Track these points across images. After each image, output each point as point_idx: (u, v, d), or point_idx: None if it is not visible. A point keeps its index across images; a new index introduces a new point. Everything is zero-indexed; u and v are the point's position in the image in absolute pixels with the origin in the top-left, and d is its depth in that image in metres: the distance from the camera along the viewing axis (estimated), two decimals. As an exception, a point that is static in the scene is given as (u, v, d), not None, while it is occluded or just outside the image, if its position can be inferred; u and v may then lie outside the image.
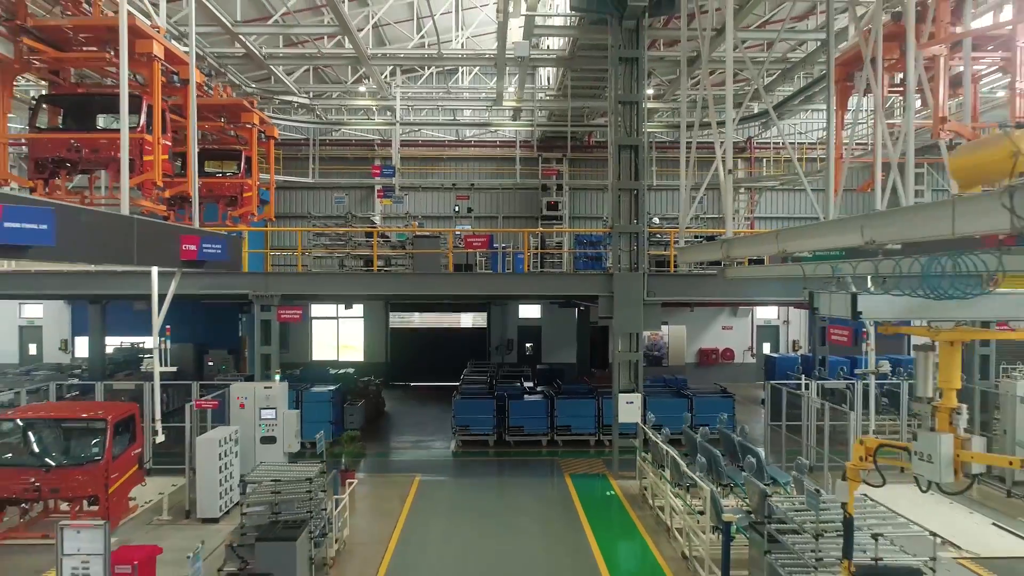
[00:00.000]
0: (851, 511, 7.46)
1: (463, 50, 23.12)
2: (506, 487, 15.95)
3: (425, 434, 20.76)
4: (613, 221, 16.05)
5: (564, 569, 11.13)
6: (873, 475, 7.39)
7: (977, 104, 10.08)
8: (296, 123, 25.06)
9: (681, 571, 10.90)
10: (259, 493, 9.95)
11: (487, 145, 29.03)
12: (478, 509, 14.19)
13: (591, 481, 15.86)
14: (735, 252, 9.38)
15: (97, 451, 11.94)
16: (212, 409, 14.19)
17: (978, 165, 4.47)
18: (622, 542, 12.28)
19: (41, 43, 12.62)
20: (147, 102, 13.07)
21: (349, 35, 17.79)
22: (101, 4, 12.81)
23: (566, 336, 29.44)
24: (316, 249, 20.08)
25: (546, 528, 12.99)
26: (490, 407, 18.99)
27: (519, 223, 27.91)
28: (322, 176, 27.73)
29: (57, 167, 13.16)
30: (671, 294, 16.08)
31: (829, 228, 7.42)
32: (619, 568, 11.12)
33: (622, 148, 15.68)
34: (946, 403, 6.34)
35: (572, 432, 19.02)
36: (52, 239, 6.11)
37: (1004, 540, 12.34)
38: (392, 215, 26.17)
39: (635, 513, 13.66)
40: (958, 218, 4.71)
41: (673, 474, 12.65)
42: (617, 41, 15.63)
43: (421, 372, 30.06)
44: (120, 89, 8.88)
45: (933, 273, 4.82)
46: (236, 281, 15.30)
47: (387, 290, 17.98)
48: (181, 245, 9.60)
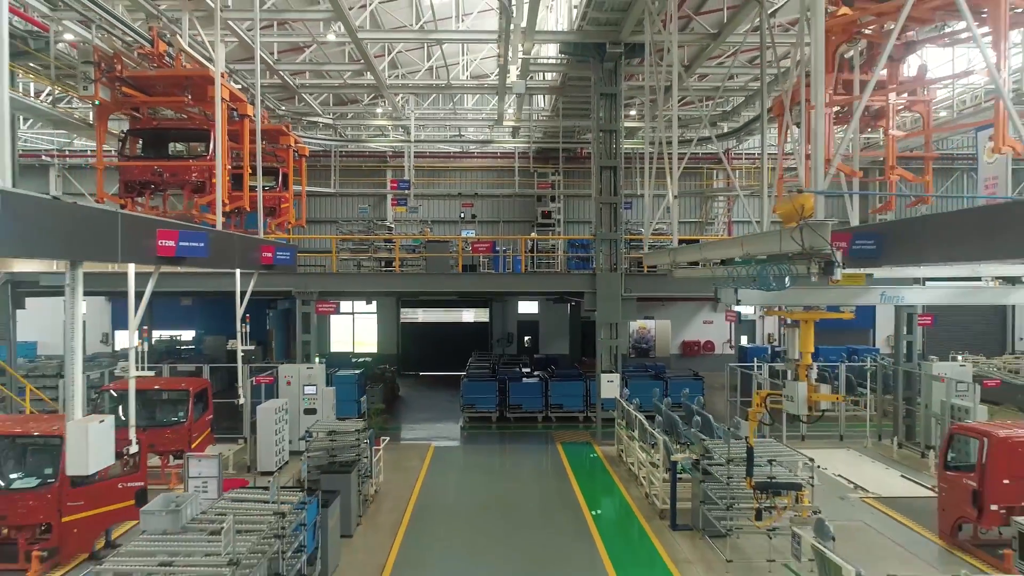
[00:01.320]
0: (751, 443, 10.53)
1: (469, 79, 26.17)
2: (507, 452, 19.09)
3: (436, 413, 23.87)
4: (596, 229, 19.16)
5: (553, 504, 14.27)
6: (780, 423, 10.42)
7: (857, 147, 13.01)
8: (320, 140, 28.15)
9: (644, 506, 14.02)
10: (318, 441, 13.06)
11: (489, 157, 32.12)
12: (484, 467, 17.34)
13: (578, 447, 18.98)
14: (679, 258, 12.45)
15: (182, 415, 15.06)
16: (267, 385, 17.29)
17: (786, 212, 7.54)
18: (600, 488, 15.42)
19: (133, 89, 15.75)
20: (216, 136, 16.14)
21: (372, 70, 20.86)
22: (181, 58, 15.91)
23: (560, 329, 32.57)
24: (343, 252, 23.17)
25: (540, 479, 16.14)
26: (493, 388, 22.09)
27: (518, 228, 30.99)
28: (341, 186, 30.84)
29: (143, 188, 16.26)
30: (644, 290, 19.19)
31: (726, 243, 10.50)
32: (596, 503, 14.26)
33: (603, 168, 18.79)
34: (804, 361, 9.41)
35: (564, 410, 22.12)
36: (206, 252, 9.22)
37: (906, 486, 15.44)
38: (404, 220, 29.27)
39: (612, 469, 16.78)
40: (782, 241, 7.79)
41: (641, 435, 15.74)
42: (599, 78, 18.72)
43: (429, 363, 33.15)
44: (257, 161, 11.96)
45: (765, 274, 7.88)
46: (283, 280, 18.39)
47: (405, 287, 21.09)
48: (261, 253, 12.71)
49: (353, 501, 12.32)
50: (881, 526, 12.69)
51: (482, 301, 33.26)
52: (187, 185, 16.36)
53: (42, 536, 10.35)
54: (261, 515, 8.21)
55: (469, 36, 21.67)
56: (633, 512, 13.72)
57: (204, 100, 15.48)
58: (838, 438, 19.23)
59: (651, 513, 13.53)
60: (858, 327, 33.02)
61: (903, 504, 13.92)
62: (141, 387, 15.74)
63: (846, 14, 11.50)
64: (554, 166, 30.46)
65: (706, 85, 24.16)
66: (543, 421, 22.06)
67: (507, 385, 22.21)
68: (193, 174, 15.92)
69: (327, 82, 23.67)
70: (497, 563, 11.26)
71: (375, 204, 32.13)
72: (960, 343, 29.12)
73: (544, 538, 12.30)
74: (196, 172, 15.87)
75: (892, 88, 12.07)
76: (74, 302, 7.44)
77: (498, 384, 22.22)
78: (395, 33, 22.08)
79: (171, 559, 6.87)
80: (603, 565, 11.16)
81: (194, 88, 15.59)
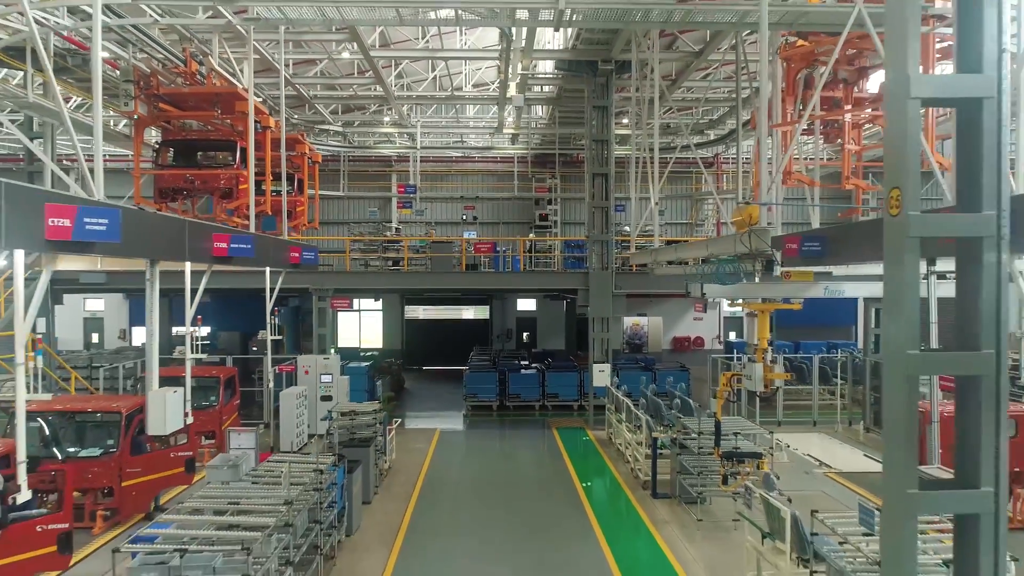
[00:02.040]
0: (719, 417, 12.16)
1: (471, 89, 27.81)
2: (507, 436, 20.73)
3: (440, 404, 25.50)
4: (589, 231, 20.80)
5: (549, 479, 15.91)
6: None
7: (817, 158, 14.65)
8: (331, 147, 29.78)
9: (629, 479, 15.65)
10: (340, 420, 14.69)
11: (490, 161, 33.74)
12: (486, 449, 18.98)
13: (572, 432, 20.62)
14: (659, 258, 14.06)
15: (214, 400, 16.68)
16: (287, 373, 18.92)
17: (738, 220, 9.17)
18: (590, 465, 17.06)
19: (168, 104, 17.37)
20: (241, 145, 17.77)
21: (381, 83, 22.47)
22: (212, 76, 17.52)
23: (557, 326, 34.21)
24: (353, 252, 24.81)
25: (536, 459, 17.78)
26: (494, 379, 23.72)
27: (517, 229, 32.62)
28: (350, 189, 32.46)
29: (176, 193, 17.87)
30: (633, 288, 20.82)
31: (695, 245, 12.13)
32: (587, 478, 15.91)
33: (595, 175, 20.42)
34: (761, 346, 11.04)
35: (560, 399, 23.75)
36: (253, 253, 10.83)
37: (867, 463, 17.07)
38: (409, 221, 30.90)
39: (602, 450, 18.42)
40: (736, 244, 9.43)
41: (628, 418, 17.36)
42: (591, 92, 20.34)
43: (432, 357, 34.76)
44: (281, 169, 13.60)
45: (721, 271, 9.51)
46: (304, 278, 19.99)
47: (412, 285, 22.74)
48: (289, 253, 14.33)
49: (371, 472, 13.95)
50: (837, 495, 14.33)
51: (483, 299, 34.88)
52: (215, 191, 17.99)
53: (105, 498, 11.96)
54: (302, 472, 9.84)
55: (471, 54, 23.27)
56: (620, 484, 15.37)
57: (232, 113, 17.15)
58: (812, 424, 20.88)
59: (635, 485, 15.17)
60: (843, 324, 34.76)
61: (860, 478, 15.56)
62: (179, 374, 17.38)
63: (804, 45, 13.17)
64: (551, 171, 32.09)
65: (692, 96, 25.79)
66: (540, 409, 23.68)
67: (507, 376, 23.84)
68: (221, 181, 17.55)
69: (338, 93, 25.29)
70: (499, 526, 12.89)
71: (381, 206, 33.75)
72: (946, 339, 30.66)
73: (540, 506, 13.94)
74: (224, 179, 17.51)
75: (847, 109, 13.75)
76: (153, 294, 9.06)
77: (498, 375, 23.84)
78: (404, 52, 23.71)
79: (236, 500, 8.49)
80: (592, 527, 12.79)
81: (223, 103, 17.24)
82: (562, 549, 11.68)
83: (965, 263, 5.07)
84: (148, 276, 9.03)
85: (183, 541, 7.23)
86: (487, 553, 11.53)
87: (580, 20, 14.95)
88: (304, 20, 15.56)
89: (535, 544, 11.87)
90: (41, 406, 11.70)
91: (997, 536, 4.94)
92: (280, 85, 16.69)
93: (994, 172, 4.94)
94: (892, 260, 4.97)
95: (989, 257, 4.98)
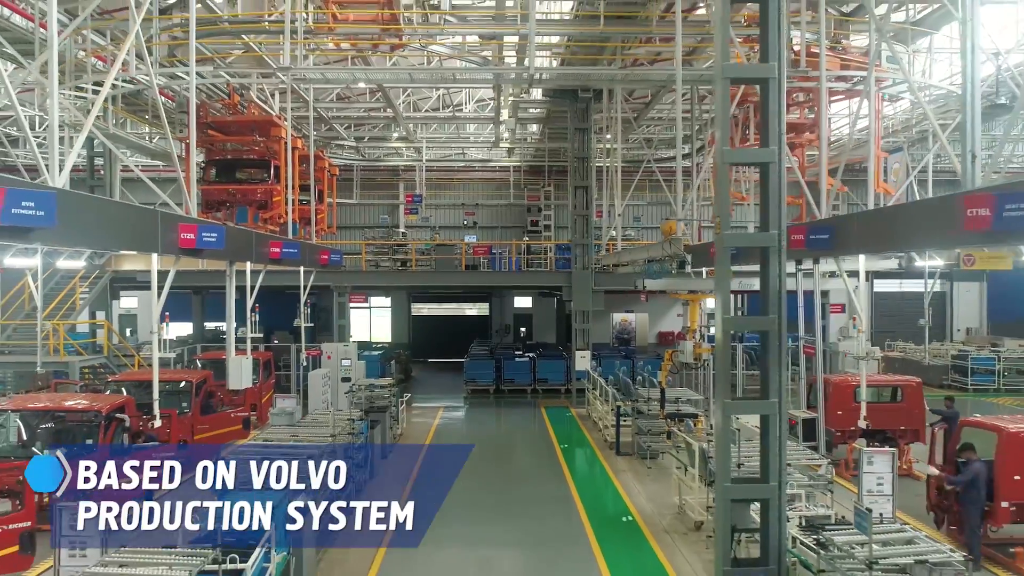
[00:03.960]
0: (663, 385, 15.34)
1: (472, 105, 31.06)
2: (501, 414, 23.98)
3: (443, 389, 28.71)
4: (572, 236, 24.02)
5: (534, 443, 19.23)
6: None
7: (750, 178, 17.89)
8: (345, 160, 33.05)
9: (600, 443, 18.87)
10: (361, 391, 17.92)
11: (488, 171, 36.97)
12: (483, 422, 22.26)
13: (557, 410, 23.84)
14: (621, 259, 17.25)
15: (255, 379, 19.91)
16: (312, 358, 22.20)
17: (664, 231, 12.35)
18: (569, 433, 20.31)
19: (215, 130, 20.64)
20: (275, 164, 21.02)
21: (391, 106, 25.72)
22: (252, 107, 20.79)
23: (549, 321, 37.41)
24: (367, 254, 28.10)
25: (525, 429, 21.10)
26: (490, 365, 26.93)
27: (513, 232, 35.79)
28: (361, 197, 35.74)
29: (219, 205, 21.10)
30: (609, 285, 24.03)
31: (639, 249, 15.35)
32: (565, 442, 19.15)
33: (577, 188, 23.63)
34: (691, 327, 14.21)
35: (549, 383, 26.93)
36: (298, 255, 14.08)
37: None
38: (415, 226, 34.16)
39: (581, 423, 21.65)
40: (663, 249, 12.64)
41: (602, 394, 20.57)
42: (573, 115, 23.53)
43: (436, 350, 37.96)
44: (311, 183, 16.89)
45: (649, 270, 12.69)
46: (325, 276, 23.19)
47: (419, 283, 26.01)
48: (320, 255, 17.57)
49: (387, 432, 17.19)
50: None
51: (483, 296, 38.07)
52: (252, 203, 21.24)
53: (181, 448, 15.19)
54: (339, 421, 13.07)
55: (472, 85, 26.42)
56: (591, 446, 18.61)
57: (267, 137, 20.48)
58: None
59: (604, 447, 18.40)
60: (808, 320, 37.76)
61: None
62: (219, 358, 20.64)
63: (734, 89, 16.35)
64: (543, 180, 35.37)
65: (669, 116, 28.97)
66: (531, 393, 26.87)
67: (502, 363, 27.05)
68: (258, 194, 20.87)
69: (352, 113, 28.57)
70: (492, 476, 16.06)
71: (389, 211, 36.95)
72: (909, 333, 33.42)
73: (526, 462, 17.20)
74: (260, 193, 20.83)
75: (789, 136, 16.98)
76: (231, 288, 12.30)
77: (495, 362, 27.06)
78: (414, 83, 26.98)
79: (295, 435, 11.73)
80: (564, 475, 16.03)
81: (260, 129, 20.58)
82: (540, 488, 14.94)
83: (763, 262, 8.52)
84: (228, 274, 12.27)
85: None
86: (483, 492, 14.74)
87: (548, 79, 18.55)
88: (340, 80, 18.98)
89: (520, 487, 15.12)
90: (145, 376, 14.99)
91: (780, 426, 8.33)
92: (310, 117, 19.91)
93: (777, 208, 8.35)
94: (720, 261, 8.41)
95: (774, 260, 8.37)
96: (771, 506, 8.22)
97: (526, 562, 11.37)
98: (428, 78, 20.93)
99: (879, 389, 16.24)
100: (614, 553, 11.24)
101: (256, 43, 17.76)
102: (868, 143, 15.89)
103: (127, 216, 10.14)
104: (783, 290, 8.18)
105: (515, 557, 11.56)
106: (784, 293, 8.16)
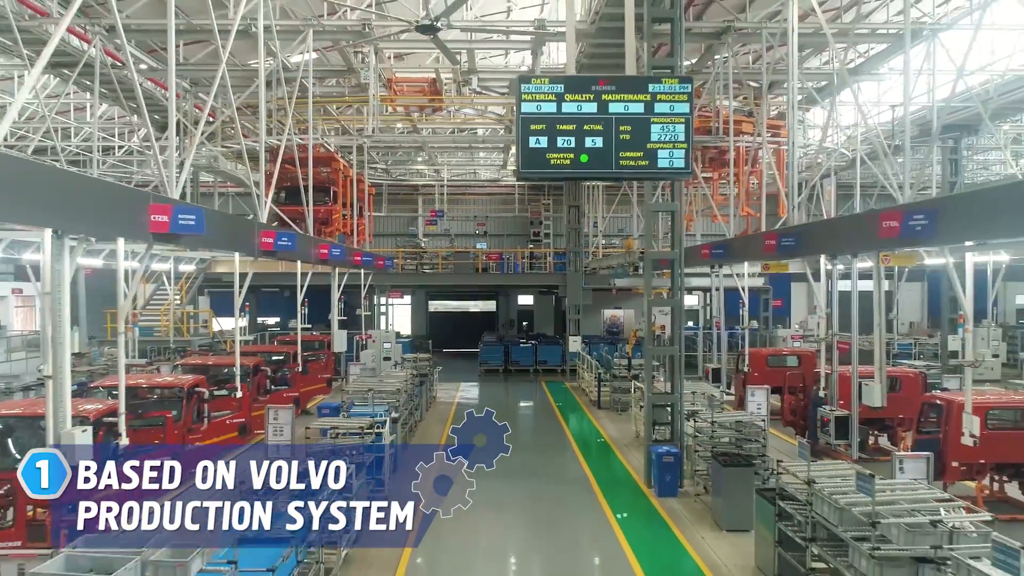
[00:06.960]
0: (629, 353, 21.17)
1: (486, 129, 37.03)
2: (509, 387, 29.89)
3: (460, 372, 34.52)
4: (566, 245, 29.93)
5: (536, 404, 25.10)
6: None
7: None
8: (375, 180, 38.98)
9: (586, 402, 24.77)
10: (407, 363, 23.78)
11: (497, 187, 42.91)
12: (495, 393, 28.18)
13: (555, 384, 29.73)
14: (601, 264, 23.02)
15: (323, 356, 25.77)
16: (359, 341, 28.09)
17: (626, 244, 18.19)
18: (564, 398, 26.21)
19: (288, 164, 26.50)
20: (334, 189, 26.91)
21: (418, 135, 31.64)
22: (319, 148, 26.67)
23: (549, 317, 43.29)
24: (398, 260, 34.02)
25: (528, 395, 26.99)
26: (500, 350, 32.86)
27: (518, 240, 41.69)
28: (388, 210, 41.73)
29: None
30: (596, 284, 29.91)
31: (614, 255, 21.18)
32: (559, 401, 25.05)
33: (570, 207, 29.53)
34: (649, 313, 20.01)
35: (547, 364, 32.79)
36: (342, 256, 19.98)
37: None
38: (435, 235, 40.13)
39: (573, 392, 27.53)
40: (626, 257, 18.51)
41: (588, 368, 26.40)
42: (568, 148, 29.41)
43: (450, 342, 43.79)
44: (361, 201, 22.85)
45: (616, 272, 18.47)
46: (372, 277, 29.04)
47: (440, 282, 31.99)
48: (354, 257, 23.44)
49: (427, 394, 23.05)
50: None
51: (490, 295, 43.93)
52: (316, 220, 27.06)
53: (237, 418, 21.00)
54: (400, 381, 18.92)
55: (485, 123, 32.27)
56: (580, 405, 24.53)
57: (328, 168, 26.45)
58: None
59: (589, 404, 24.30)
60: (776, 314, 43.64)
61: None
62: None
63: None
64: (542, 196, 41.36)
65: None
66: (534, 372, 32.75)
67: (510, 348, 32.98)
68: (320, 213, 26.80)
69: (386, 142, 34.54)
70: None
71: (411, 222, 42.87)
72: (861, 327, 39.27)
73: (530, 414, 23.04)
74: (322, 212, 26.77)
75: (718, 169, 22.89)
76: (302, 284, 18.17)
77: (504, 348, 32.98)
78: (438, 125, 32.91)
79: (376, 385, 17.57)
80: (559, 420, 21.92)
81: (323, 162, 26.54)
82: (539, 428, 20.82)
83: (672, 271, 14.67)
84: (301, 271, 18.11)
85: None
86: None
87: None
88: (397, 142, 24.94)
89: (527, 431, 21.00)
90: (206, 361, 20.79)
91: (676, 369, 14.42)
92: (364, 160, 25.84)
93: (679, 236, 14.50)
94: (646, 269, 14.61)
95: (677, 268, 14.45)
96: (675, 408, 14.15)
97: (533, 463, 17.20)
98: (452, 140, 26.94)
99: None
100: (591, 457, 17.16)
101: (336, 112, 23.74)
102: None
103: (238, 225, 15.80)
104: (682, 288, 14.09)
105: (524, 462, 17.41)
106: (683, 289, 14.06)
